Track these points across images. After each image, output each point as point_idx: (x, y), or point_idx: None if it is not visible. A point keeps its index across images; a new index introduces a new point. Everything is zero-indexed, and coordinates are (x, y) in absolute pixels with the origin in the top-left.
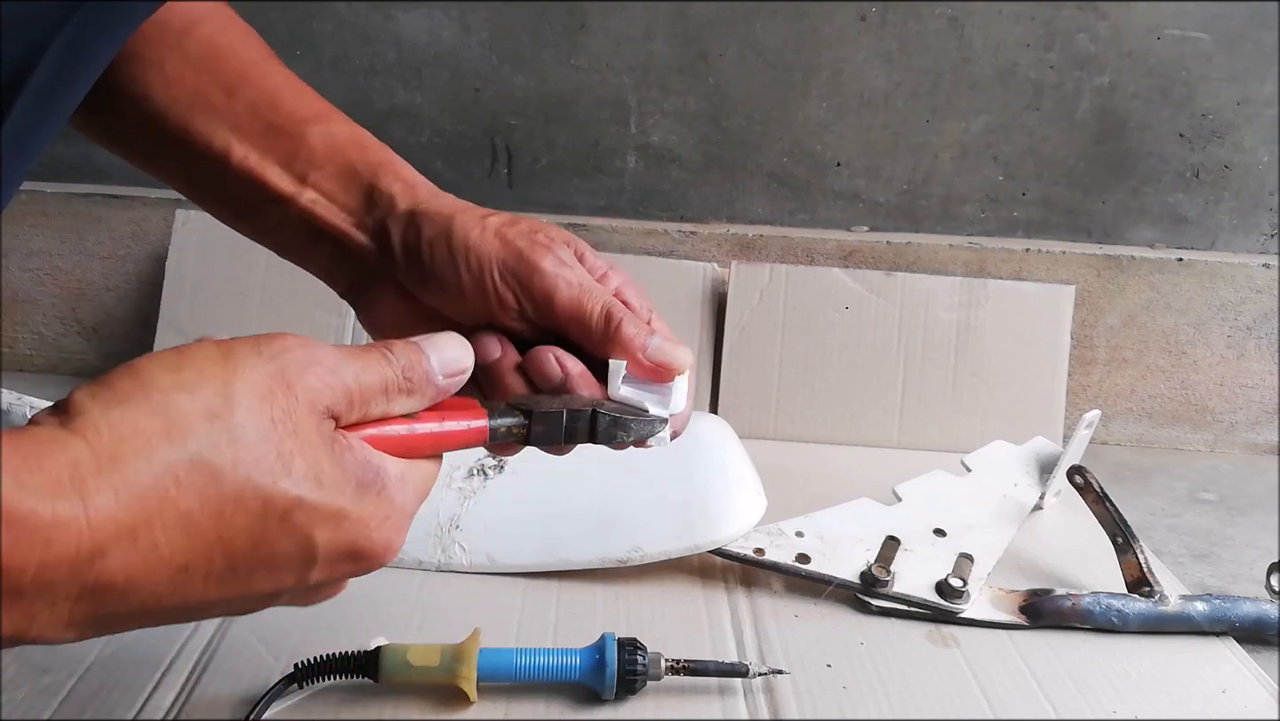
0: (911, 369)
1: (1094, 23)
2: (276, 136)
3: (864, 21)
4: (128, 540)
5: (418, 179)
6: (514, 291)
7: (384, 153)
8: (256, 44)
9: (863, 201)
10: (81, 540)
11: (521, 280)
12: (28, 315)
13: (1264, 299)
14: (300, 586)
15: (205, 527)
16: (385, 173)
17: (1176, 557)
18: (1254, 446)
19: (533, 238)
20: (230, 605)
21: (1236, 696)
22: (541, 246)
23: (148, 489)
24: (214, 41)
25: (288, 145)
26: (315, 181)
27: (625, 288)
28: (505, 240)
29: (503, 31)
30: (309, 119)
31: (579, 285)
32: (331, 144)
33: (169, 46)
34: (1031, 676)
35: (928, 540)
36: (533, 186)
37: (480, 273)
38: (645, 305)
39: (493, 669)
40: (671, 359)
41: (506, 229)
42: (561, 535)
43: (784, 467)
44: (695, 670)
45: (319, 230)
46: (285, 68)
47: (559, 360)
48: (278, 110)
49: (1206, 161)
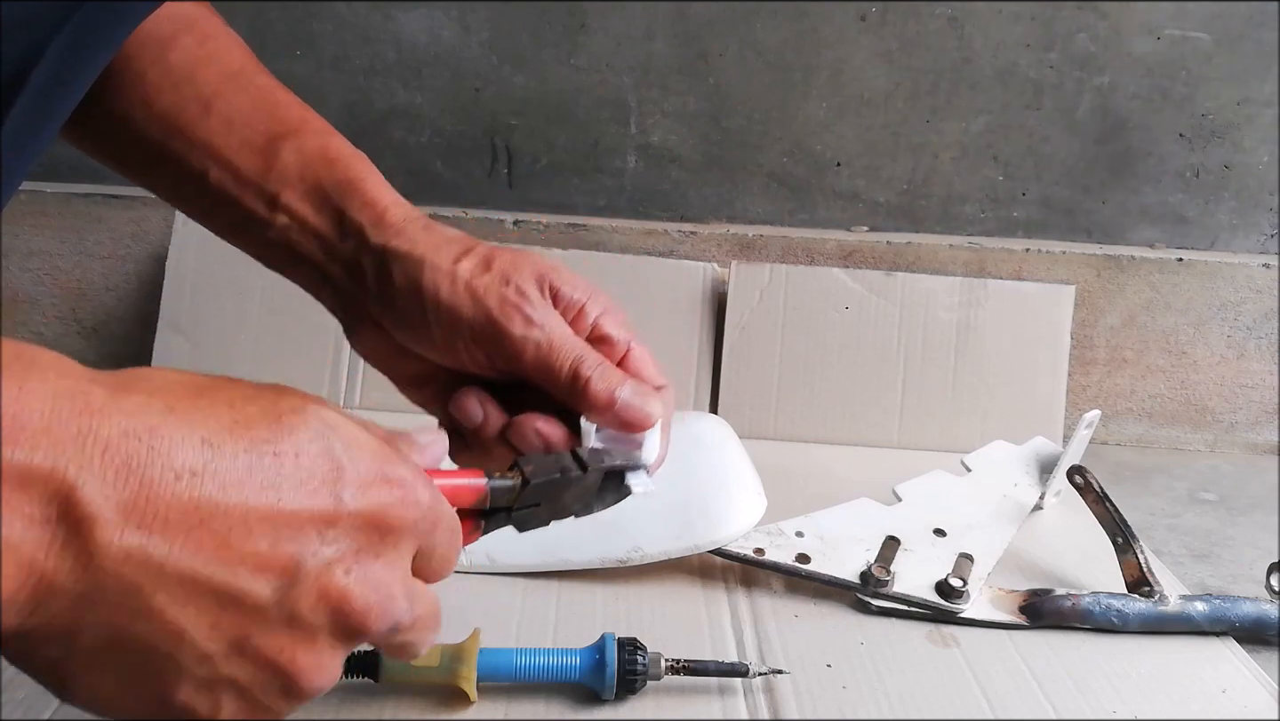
0: (911, 369)
1: (1094, 22)
2: (250, 154)
3: (864, 21)
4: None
5: (387, 199)
6: (485, 352)
7: (353, 168)
8: (239, 53)
9: (863, 201)
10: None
11: (492, 343)
12: (28, 315)
13: (1264, 299)
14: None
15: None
16: (353, 197)
17: (1176, 557)
18: (1254, 446)
19: (503, 294)
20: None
21: (1236, 696)
22: (510, 306)
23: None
24: (194, 54)
25: (260, 163)
26: (287, 203)
27: (605, 317)
28: (476, 298)
29: (503, 31)
30: (282, 134)
31: (547, 345)
32: (302, 160)
33: (150, 60)
34: (1031, 676)
35: (928, 540)
36: (533, 186)
37: (452, 333)
38: (625, 335)
39: (493, 669)
40: (639, 415)
41: (478, 280)
42: (561, 535)
43: (784, 467)
44: (695, 670)
45: (298, 256)
46: (266, 75)
47: (540, 432)
48: (252, 125)
49: (1206, 161)
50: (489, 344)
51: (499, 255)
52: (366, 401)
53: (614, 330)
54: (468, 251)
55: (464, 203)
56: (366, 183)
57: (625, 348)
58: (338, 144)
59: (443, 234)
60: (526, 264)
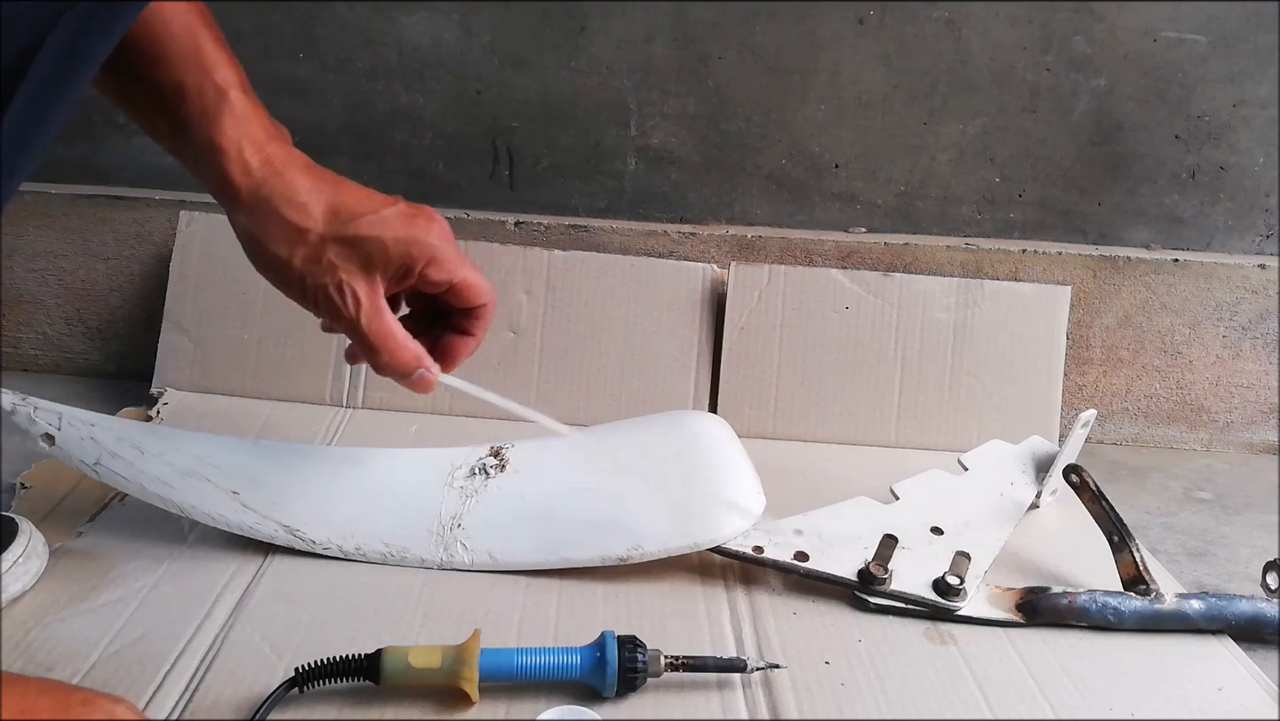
0: (909, 369)
1: (1090, 25)
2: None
3: (862, 24)
4: None
5: (235, 171)
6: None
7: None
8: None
9: (861, 203)
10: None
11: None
12: (32, 315)
13: (1259, 299)
14: None
15: None
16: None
17: (1172, 556)
18: (1249, 446)
19: (325, 289)
20: None
21: (1232, 694)
22: (332, 304)
23: None
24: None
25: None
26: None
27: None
28: (306, 289)
29: (504, 34)
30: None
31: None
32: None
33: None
34: (1028, 674)
35: (925, 538)
36: (534, 188)
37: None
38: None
39: (494, 669)
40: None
41: (308, 271)
42: (562, 534)
43: (783, 466)
44: (694, 666)
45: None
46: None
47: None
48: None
49: (1202, 163)
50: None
51: (328, 248)
52: (368, 401)
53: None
54: (303, 238)
55: (465, 204)
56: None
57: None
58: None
59: (281, 217)
60: (355, 259)
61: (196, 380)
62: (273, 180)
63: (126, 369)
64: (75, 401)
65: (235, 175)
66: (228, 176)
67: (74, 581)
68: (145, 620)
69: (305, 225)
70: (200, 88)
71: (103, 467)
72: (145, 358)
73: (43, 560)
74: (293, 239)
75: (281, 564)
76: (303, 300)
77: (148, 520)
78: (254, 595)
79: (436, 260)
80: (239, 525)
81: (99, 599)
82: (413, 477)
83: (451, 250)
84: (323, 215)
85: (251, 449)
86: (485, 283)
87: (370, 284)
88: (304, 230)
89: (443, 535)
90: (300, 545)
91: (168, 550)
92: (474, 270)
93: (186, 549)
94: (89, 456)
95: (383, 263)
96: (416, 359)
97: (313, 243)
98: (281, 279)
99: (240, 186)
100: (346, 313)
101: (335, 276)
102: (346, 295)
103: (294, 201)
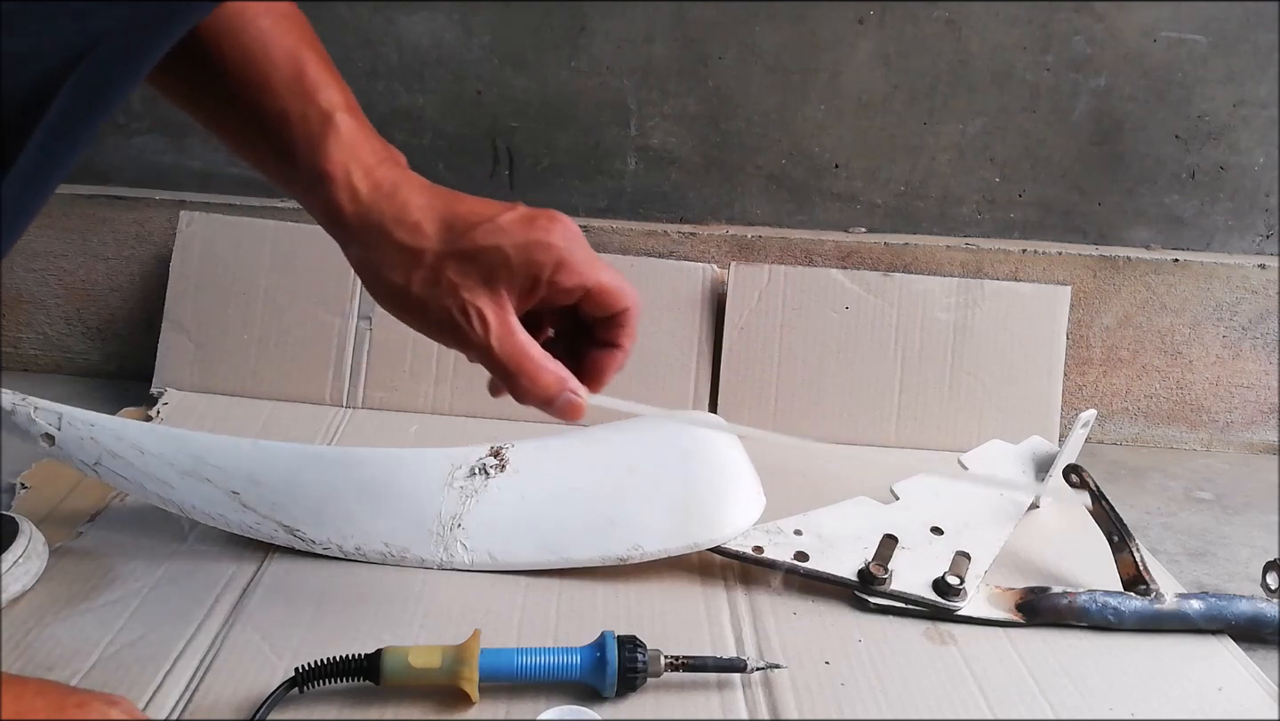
0: (909, 369)
1: (1090, 25)
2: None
3: (862, 24)
4: None
5: (343, 198)
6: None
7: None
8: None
9: (860, 203)
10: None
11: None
12: (32, 315)
13: (1259, 299)
14: None
15: None
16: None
17: (1172, 556)
18: (1249, 445)
19: (450, 310)
20: None
21: (1233, 694)
22: (457, 326)
23: None
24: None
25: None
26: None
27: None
28: (427, 312)
29: (504, 34)
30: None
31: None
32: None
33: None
34: (1028, 674)
35: (925, 538)
36: (534, 188)
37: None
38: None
39: (494, 669)
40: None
41: (429, 295)
42: (562, 534)
43: (783, 467)
44: (694, 666)
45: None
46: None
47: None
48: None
49: (1202, 163)
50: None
51: (446, 266)
52: (368, 401)
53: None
54: (419, 260)
55: None
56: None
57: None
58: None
59: (394, 240)
60: (476, 274)
61: (196, 380)
62: (382, 203)
63: (126, 369)
64: (75, 401)
65: (344, 203)
66: (336, 205)
67: (74, 581)
68: (145, 620)
69: (419, 245)
70: (304, 113)
71: (103, 467)
72: (145, 358)
73: (43, 560)
74: (408, 262)
75: (281, 564)
76: (430, 330)
77: (148, 520)
78: (254, 595)
79: (565, 264)
80: (239, 525)
81: (99, 599)
82: (413, 477)
83: (581, 251)
84: (436, 232)
85: (251, 449)
86: (625, 284)
87: (496, 300)
88: (418, 251)
89: (443, 535)
90: (300, 545)
91: (168, 550)
92: (611, 271)
93: (186, 549)
94: (89, 456)
95: (506, 274)
96: (559, 381)
97: (429, 263)
98: (404, 309)
99: (350, 214)
100: (475, 336)
101: (458, 297)
102: (472, 316)
103: (406, 222)
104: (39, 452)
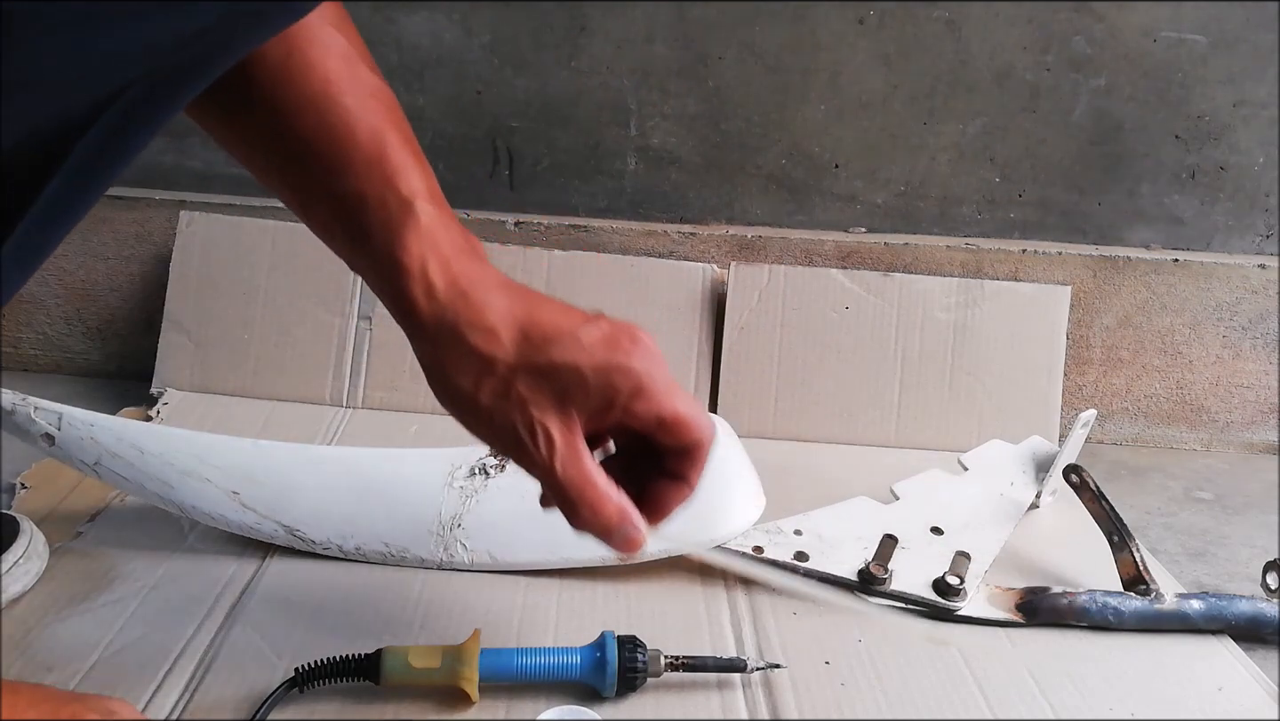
0: (909, 369)
1: (1090, 25)
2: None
3: (862, 24)
4: None
5: (418, 292)
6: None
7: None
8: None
9: (860, 203)
10: None
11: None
12: (32, 316)
13: (1259, 299)
14: None
15: None
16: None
17: (1172, 556)
18: (1250, 445)
19: (515, 427)
20: None
21: (1233, 694)
22: (521, 444)
23: None
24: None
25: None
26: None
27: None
28: (495, 425)
29: (504, 34)
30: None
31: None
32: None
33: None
34: (1028, 674)
35: (925, 538)
36: (534, 188)
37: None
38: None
39: (494, 669)
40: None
41: (497, 407)
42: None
43: (783, 467)
44: (694, 666)
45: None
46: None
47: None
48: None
49: (1202, 163)
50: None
51: (518, 380)
52: (369, 401)
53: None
54: (490, 368)
55: (466, 204)
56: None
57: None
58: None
59: (467, 344)
60: (548, 392)
61: (196, 380)
62: (458, 302)
63: (126, 369)
64: (75, 401)
65: (418, 296)
66: (410, 297)
67: (74, 581)
68: (145, 620)
69: (493, 353)
70: (383, 198)
71: (103, 467)
72: (145, 358)
73: (43, 560)
74: (479, 370)
75: (281, 564)
76: (491, 440)
77: (148, 520)
78: (253, 595)
79: (644, 391)
80: (239, 525)
81: (99, 599)
82: (413, 477)
83: (661, 377)
84: (512, 341)
85: (251, 449)
86: (702, 416)
87: (566, 422)
88: (491, 359)
89: (443, 535)
90: (300, 545)
91: (168, 550)
92: (688, 400)
93: (186, 549)
94: (89, 456)
95: (580, 396)
96: (621, 514)
97: (501, 374)
98: (468, 415)
99: (424, 310)
100: (539, 457)
101: (526, 414)
102: (539, 436)
103: (481, 326)
104: (39, 452)
